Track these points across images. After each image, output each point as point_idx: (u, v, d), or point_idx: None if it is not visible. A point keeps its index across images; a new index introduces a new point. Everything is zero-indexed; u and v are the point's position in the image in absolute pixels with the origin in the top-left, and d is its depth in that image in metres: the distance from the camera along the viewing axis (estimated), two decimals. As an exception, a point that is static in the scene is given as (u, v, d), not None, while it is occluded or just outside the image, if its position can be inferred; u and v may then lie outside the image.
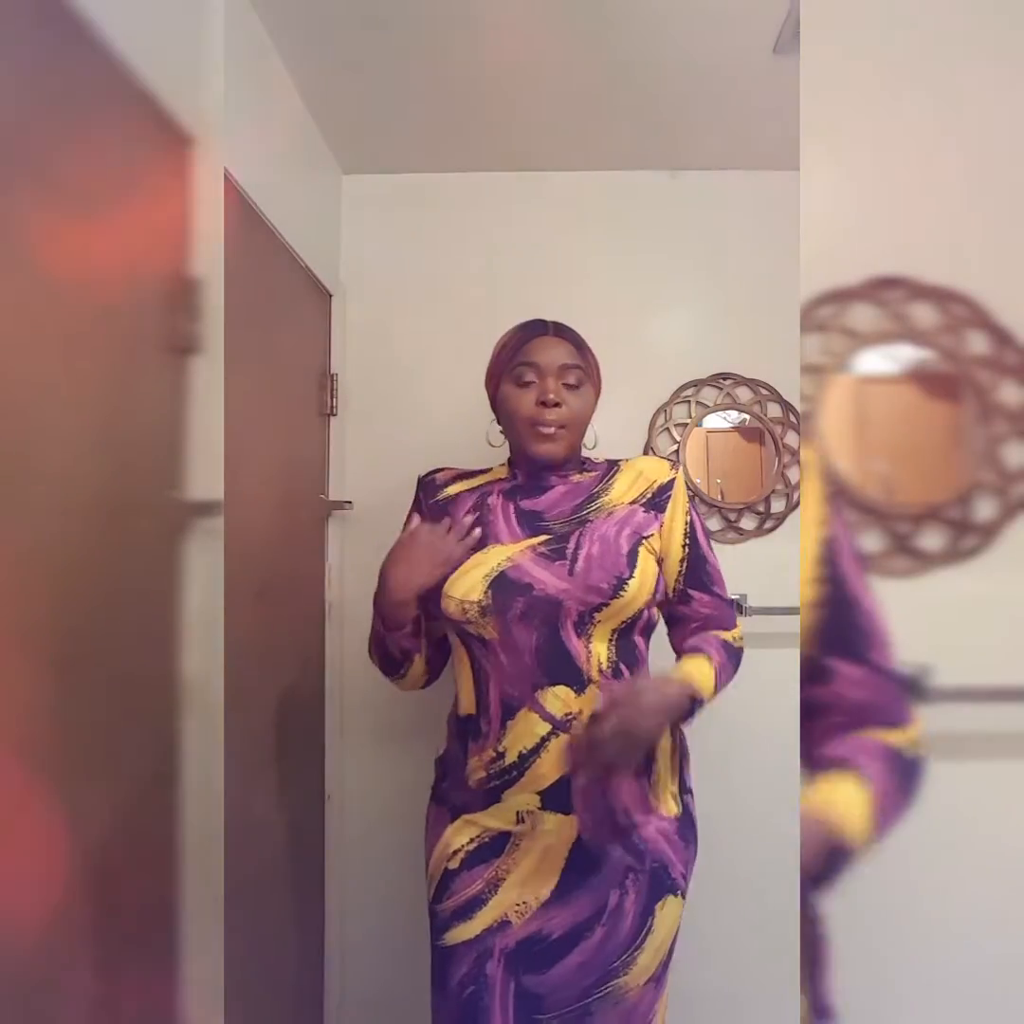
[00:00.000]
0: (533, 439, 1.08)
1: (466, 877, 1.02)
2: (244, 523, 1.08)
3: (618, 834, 0.99)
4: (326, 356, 1.53)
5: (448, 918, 1.02)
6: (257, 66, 1.17)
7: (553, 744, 0.99)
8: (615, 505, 1.09)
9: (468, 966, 1.00)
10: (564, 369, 1.08)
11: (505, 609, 1.01)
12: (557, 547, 1.04)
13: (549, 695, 1.00)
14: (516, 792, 1.00)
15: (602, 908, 1.00)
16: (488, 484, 1.15)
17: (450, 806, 1.07)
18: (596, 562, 1.02)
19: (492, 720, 1.02)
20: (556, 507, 1.10)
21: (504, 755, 1.01)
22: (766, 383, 1.58)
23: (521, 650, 1.01)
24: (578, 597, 1.00)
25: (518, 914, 1.01)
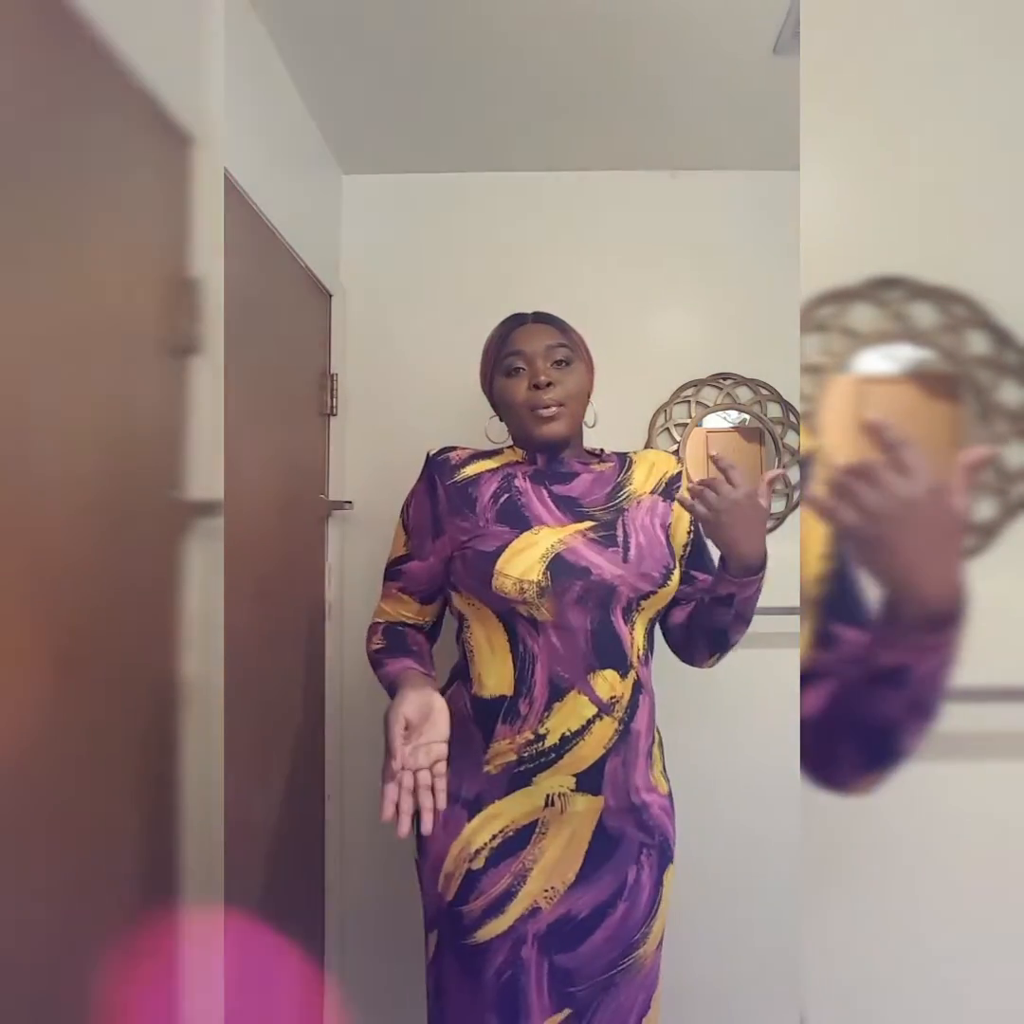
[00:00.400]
0: (534, 423, 1.10)
1: (493, 875, 1.03)
2: (244, 523, 1.08)
3: (632, 813, 1.05)
4: (326, 356, 1.53)
5: (478, 917, 1.03)
6: (257, 66, 1.17)
7: (597, 727, 1.02)
8: (640, 495, 1.13)
9: (504, 954, 1.02)
10: (550, 350, 1.10)
11: (563, 591, 1.02)
12: (606, 534, 1.07)
13: (599, 678, 1.03)
14: (551, 775, 1.02)
15: (623, 885, 1.05)
16: (509, 465, 1.15)
17: (462, 803, 1.05)
18: (647, 551, 1.06)
19: (535, 701, 1.03)
20: (589, 494, 1.12)
21: (545, 737, 1.02)
22: (766, 383, 1.58)
23: (576, 632, 1.03)
24: (631, 584, 1.04)
25: (547, 899, 1.04)
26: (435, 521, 1.12)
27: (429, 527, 1.13)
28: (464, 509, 1.09)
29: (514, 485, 1.11)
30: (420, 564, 1.14)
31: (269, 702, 1.23)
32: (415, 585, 1.16)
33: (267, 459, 1.22)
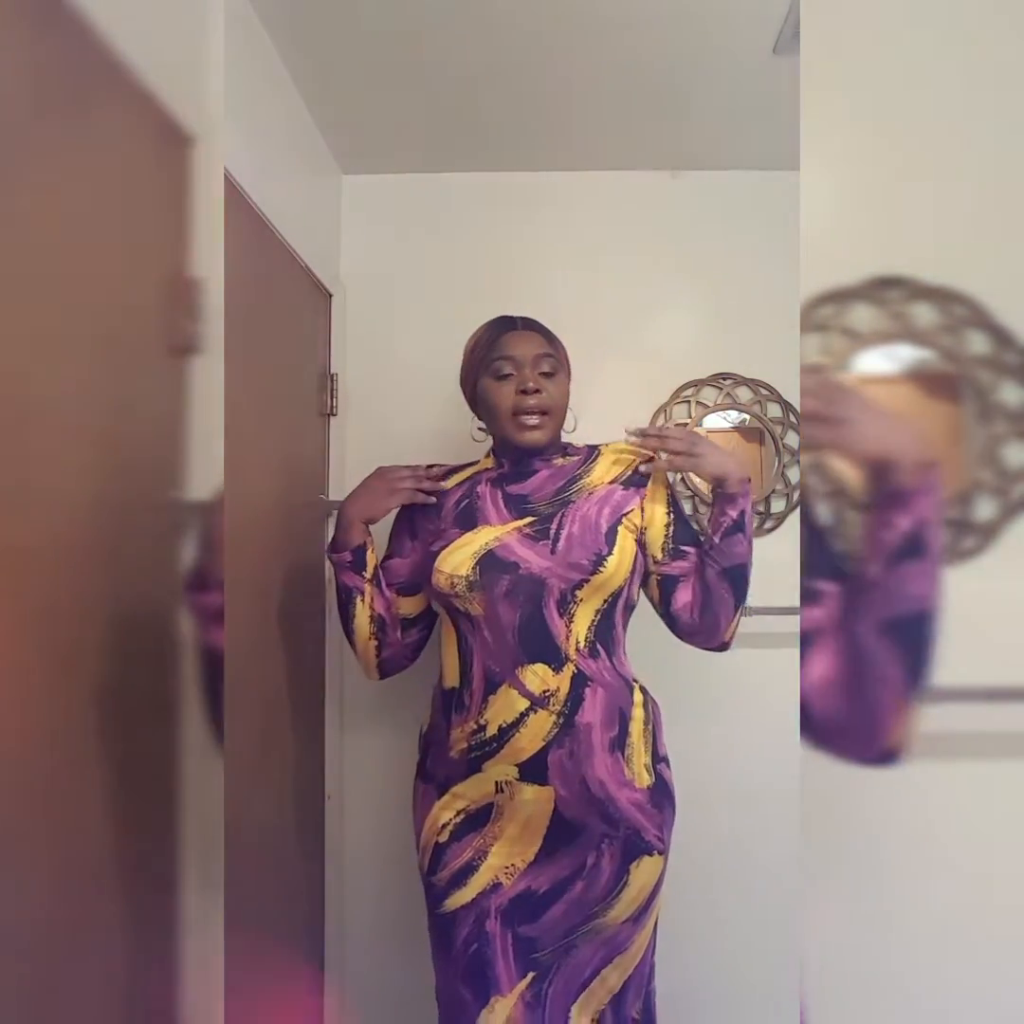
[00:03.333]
0: (517, 429, 1.14)
1: (456, 848, 1.11)
2: (244, 523, 1.08)
3: (594, 805, 1.06)
4: (326, 356, 1.53)
5: (445, 887, 1.11)
6: (257, 66, 1.17)
7: (532, 719, 1.06)
8: (595, 486, 1.16)
9: (469, 927, 1.09)
10: (539, 359, 1.15)
11: (491, 585, 1.08)
12: (541, 528, 1.11)
13: (528, 672, 1.07)
14: (496, 763, 1.07)
15: (581, 867, 1.09)
16: (476, 474, 1.23)
17: (435, 783, 1.14)
18: (576, 540, 1.09)
19: (475, 694, 1.09)
20: (540, 490, 1.17)
21: (485, 728, 1.08)
22: (766, 383, 1.58)
23: (504, 627, 1.08)
24: (559, 574, 1.07)
25: (507, 875, 1.09)
26: (411, 525, 1.22)
27: (407, 529, 1.23)
28: (433, 515, 1.20)
29: (475, 491, 1.19)
30: (400, 560, 1.22)
31: (269, 702, 1.23)
32: (395, 577, 1.22)
33: (267, 459, 1.23)
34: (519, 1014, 1.08)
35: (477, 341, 1.20)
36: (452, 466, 1.25)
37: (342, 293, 1.56)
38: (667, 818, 1.13)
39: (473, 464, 1.25)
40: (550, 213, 1.61)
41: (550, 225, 1.61)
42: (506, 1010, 1.08)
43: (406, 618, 1.22)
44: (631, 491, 1.15)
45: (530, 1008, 1.09)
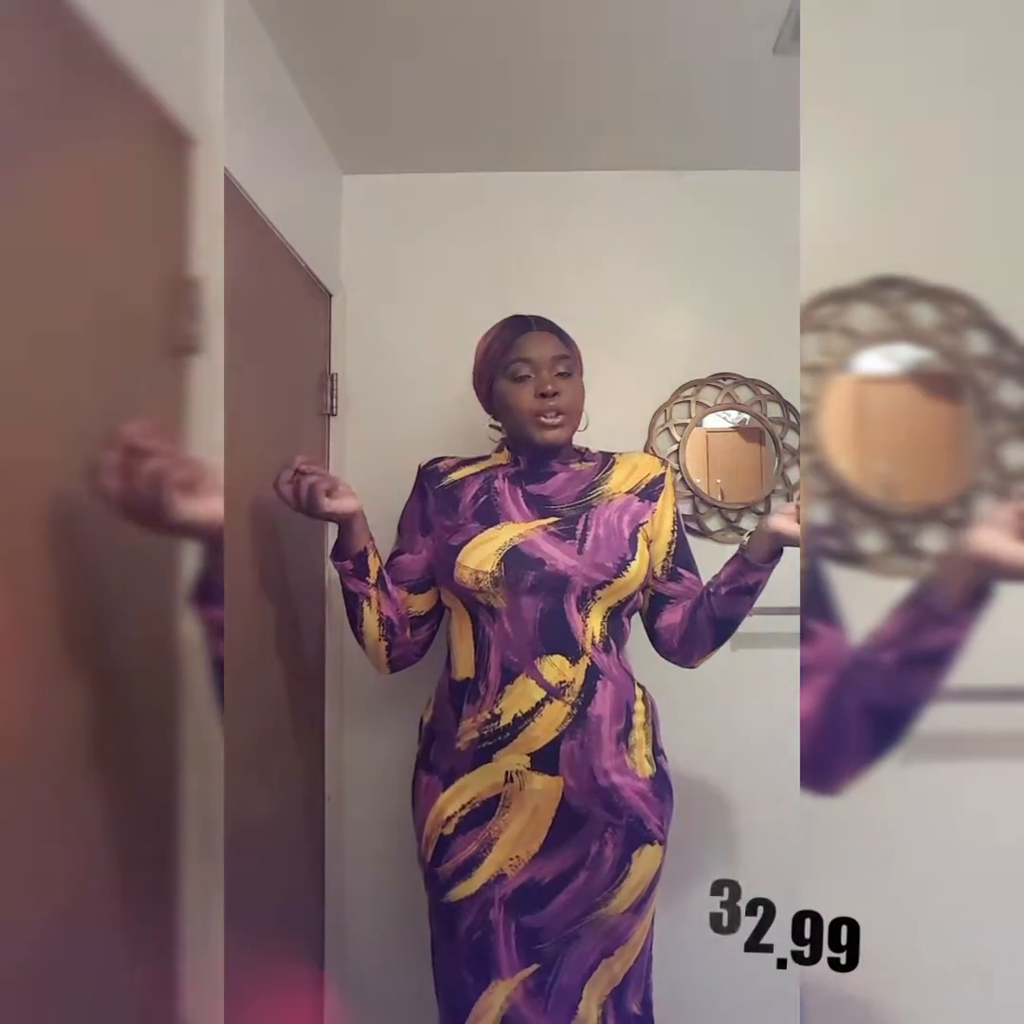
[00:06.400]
0: (537, 429, 1.16)
1: (461, 840, 1.12)
2: (244, 523, 1.08)
3: (599, 795, 1.09)
4: (326, 356, 1.53)
5: (450, 878, 1.12)
6: (257, 66, 1.17)
7: (547, 709, 1.09)
8: (614, 493, 1.20)
9: (473, 917, 1.11)
10: (555, 360, 1.16)
11: (516, 581, 1.10)
12: (567, 528, 1.14)
13: (547, 663, 1.10)
14: (507, 753, 1.10)
15: (584, 857, 1.11)
16: (492, 468, 1.24)
17: (440, 774, 1.16)
18: (603, 543, 1.12)
19: (491, 683, 1.11)
20: (561, 492, 1.20)
21: (500, 717, 1.10)
22: (766, 383, 1.58)
23: (526, 619, 1.10)
24: (584, 574, 1.10)
25: (512, 867, 1.11)
26: (424, 520, 1.22)
27: (419, 524, 1.22)
28: (449, 509, 1.20)
29: (493, 486, 1.20)
30: (411, 556, 1.22)
31: (269, 702, 1.23)
32: (405, 575, 1.21)
33: (267, 459, 1.22)
34: (519, 997, 1.10)
35: (492, 342, 1.20)
36: (460, 459, 1.26)
37: (342, 293, 1.56)
38: (667, 809, 1.15)
39: (485, 458, 1.26)
40: (550, 213, 1.61)
41: (550, 225, 1.60)
42: (506, 991, 1.10)
43: (417, 616, 1.22)
44: (646, 503, 1.19)
45: (531, 995, 1.11)
